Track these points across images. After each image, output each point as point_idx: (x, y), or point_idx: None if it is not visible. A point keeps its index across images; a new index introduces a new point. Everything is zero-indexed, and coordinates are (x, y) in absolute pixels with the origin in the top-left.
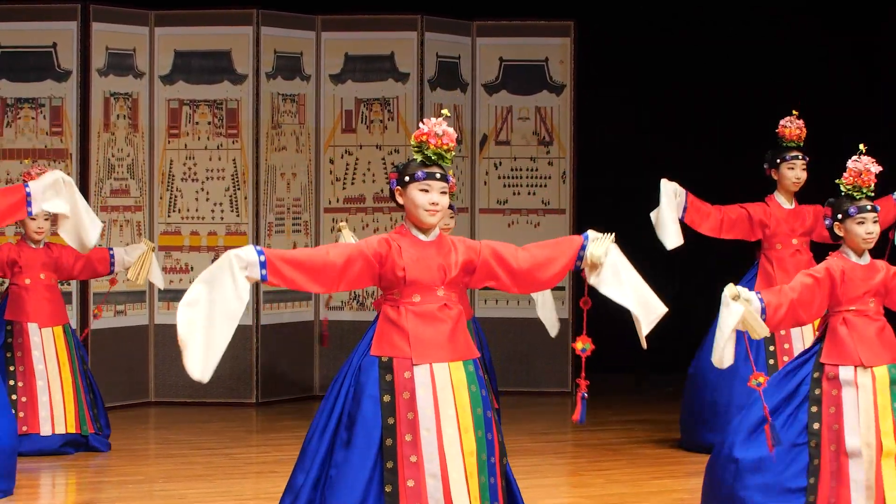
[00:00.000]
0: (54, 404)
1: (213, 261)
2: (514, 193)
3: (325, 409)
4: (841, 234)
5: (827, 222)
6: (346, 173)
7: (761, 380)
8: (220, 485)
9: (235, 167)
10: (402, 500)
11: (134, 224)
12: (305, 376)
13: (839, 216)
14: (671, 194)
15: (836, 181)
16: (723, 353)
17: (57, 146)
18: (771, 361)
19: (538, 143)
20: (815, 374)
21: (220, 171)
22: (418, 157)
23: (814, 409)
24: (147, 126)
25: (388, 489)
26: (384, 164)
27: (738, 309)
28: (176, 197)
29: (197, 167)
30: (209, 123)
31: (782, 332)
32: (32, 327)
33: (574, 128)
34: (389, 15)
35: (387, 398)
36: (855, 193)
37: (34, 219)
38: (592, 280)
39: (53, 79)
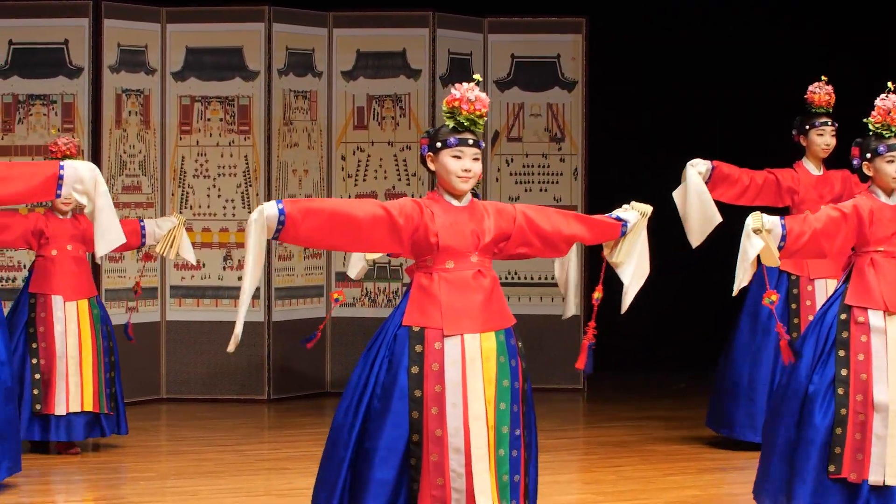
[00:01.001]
0: (71, 383)
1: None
2: (525, 190)
3: (359, 380)
4: (870, 173)
5: (855, 162)
6: (357, 170)
7: (774, 298)
8: (232, 481)
9: (247, 164)
10: (423, 475)
11: None
12: (317, 373)
13: (868, 155)
14: (699, 181)
15: (865, 120)
16: (741, 282)
17: None
18: (793, 306)
19: (550, 139)
20: (842, 316)
21: (232, 168)
22: (450, 123)
23: (841, 353)
24: (159, 123)
25: (412, 462)
26: (396, 160)
27: (758, 243)
28: (188, 193)
29: (209, 164)
30: (221, 120)
31: (808, 289)
32: (57, 300)
33: (586, 124)
34: (401, 11)
35: (415, 370)
36: (884, 132)
37: None
38: (608, 257)
39: (65, 75)
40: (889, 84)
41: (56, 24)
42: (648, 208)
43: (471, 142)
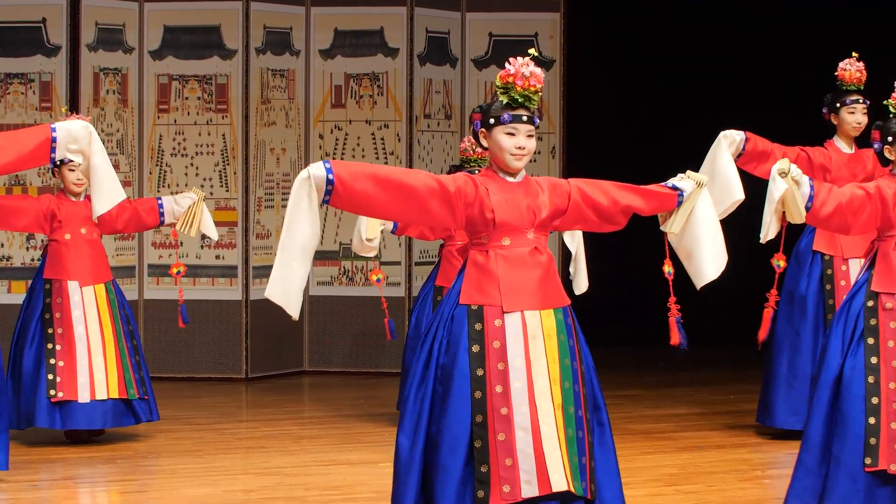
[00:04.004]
0: (95, 369)
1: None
2: None
3: (418, 364)
4: (892, 157)
5: (875, 146)
6: (335, 148)
7: (781, 262)
8: (210, 460)
9: (225, 142)
10: (492, 455)
11: None
12: (295, 351)
13: (889, 139)
14: (727, 153)
15: (885, 102)
16: (767, 228)
17: (46, 121)
18: (828, 286)
19: None
20: (870, 303)
21: (210, 147)
22: (504, 99)
23: (870, 340)
24: (136, 101)
25: (477, 444)
26: (374, 139)
27: (782, 185)
28: (165, 172)
29: (186, 142)
30: (198, 99)
31: (842, 268)
32: (73, 286)
33: (563, 103)
34: None
35: (476, 348)
36: None
37: (73, 170)
38: (663, 227)
39: (43, 54)
40: None
41: (34, 1)
42: (704, 178)
43: (525, 118)
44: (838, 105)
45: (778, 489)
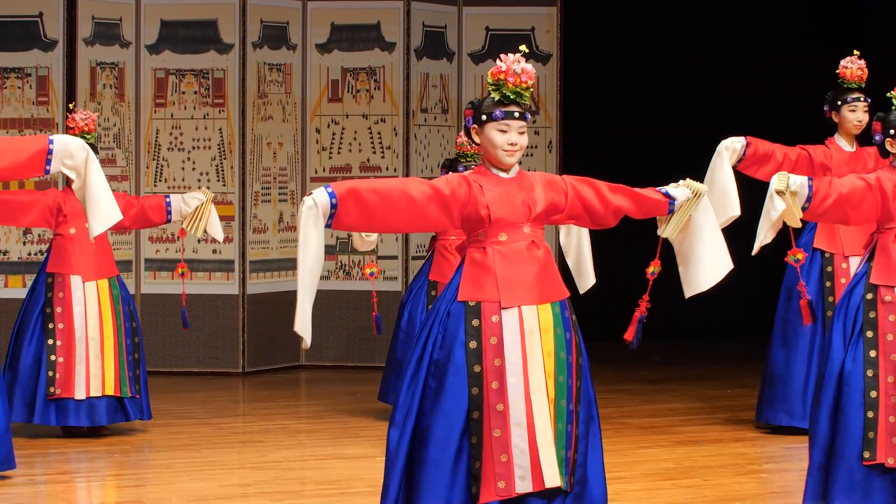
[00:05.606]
0: (92, 366)
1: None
2: None
3: (412, 359)
4: (893, 150)
5: (877, 138)
6: (332, 143)
7: (799, 256)
8: (206, 454)
9: (222, 137)
10: (485, 451)
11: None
12: (292, 346)
13: (891, 131)
14: (728, 168)
15: (889, 94)
16: (761, 242)
17: (43, 116)
18: (828, 284)
19: None
20: (868, 296)
21: (207, 141)
22: (495, 96)
23: (869, 333)
24: (133, 96)
25: (473, 440)
26: (370, 133)
27: (780, 205)
28: (162, 166)
29: (183, 137)
30: (195, 93)
31: (843, 266)
32: (75, 280)
33: (560, 97)
34: None
35: (473, 344)
36: None
37: None
38: (659, 232)
39: (40, 48)
40: None
41: None
42: (704, 188)
43: (517, 115)
44: (839, 103)
45: (775, 484)
